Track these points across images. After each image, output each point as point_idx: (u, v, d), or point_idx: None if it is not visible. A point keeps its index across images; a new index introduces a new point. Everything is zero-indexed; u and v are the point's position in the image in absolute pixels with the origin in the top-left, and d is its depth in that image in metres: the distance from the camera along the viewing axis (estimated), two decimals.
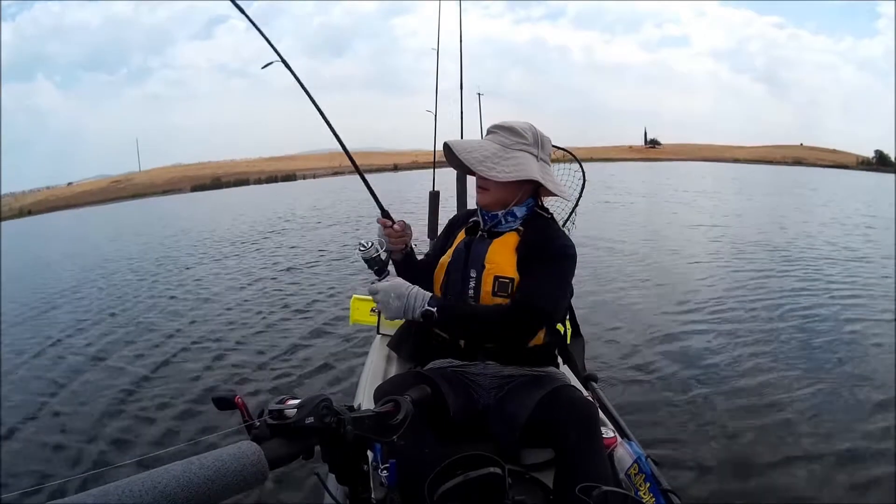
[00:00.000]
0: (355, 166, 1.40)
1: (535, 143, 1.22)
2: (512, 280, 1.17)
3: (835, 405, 2.68)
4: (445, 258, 1.27)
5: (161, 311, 5.01)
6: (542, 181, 1.20)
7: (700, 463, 2.17)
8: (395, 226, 1.25)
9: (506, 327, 1.12)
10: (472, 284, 1.20)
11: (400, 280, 1.16)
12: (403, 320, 1.36)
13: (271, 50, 1.28)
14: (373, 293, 1.14)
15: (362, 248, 1.18)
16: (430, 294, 1.13)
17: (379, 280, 1.18)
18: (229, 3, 1.22)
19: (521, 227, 1.25)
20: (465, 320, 1.14)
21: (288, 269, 6.52)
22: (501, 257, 1.20)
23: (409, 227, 1.31)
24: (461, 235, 1.31)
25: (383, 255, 1.20)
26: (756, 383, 2.92)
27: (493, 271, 1.18)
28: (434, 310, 1.10)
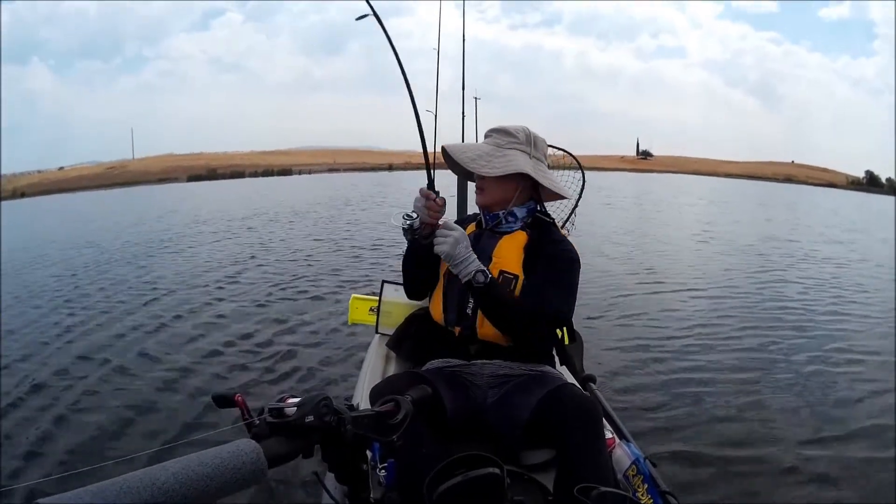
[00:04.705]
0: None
1: (527, 142, 1.26)
2: (516, 277, 1.20)
3: (835, 406, 2.72)
4: None
5: (156, 305, 4.93)
6: (534, 174, 1.23)
7: (698, 464, 2.18)
8: (438, 200, 1.21)
9: (527, 326, 1.16)
10: None
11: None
12: (403, 319, 1.42)
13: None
14: (449, 227, 1.16)
15: (407, 219, 1.18)
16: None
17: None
18: None
19: (527, 229, 1.27)
20: (502, 302, 1.16)
21: (287, 269, 6.46)
22: (509, 253, 1.23)
23: (445, 206, 1.30)
24: (471, 228, 1.33)
25: (418, 227, 1.19)
26: (756, 384, 2.95)
27: (498, 265, 1.21)
28: (487, 278, 1.14)
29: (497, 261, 1.22)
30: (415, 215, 1.18)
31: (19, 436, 2.53)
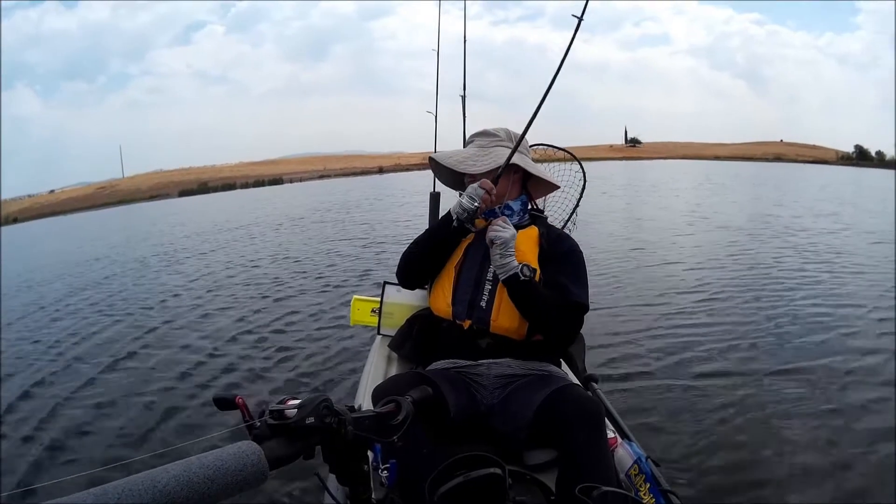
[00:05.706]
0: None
1: (508, 138, 1.34)
2: (535, 270, 1.22)
3: (837, 403, 2.65)
4: (466, 240, 1.32)
5: (160, 310, 4.96)
6: (522, 164, 1.30)
7: (700, 464, 2.15)
8: (493, 195, 1.25)
9: (560, 320, 1.20)
10: (492, 268, 1.24)
11: None
12: (405, 320, 1.49)
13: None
14: (506, 222, 1.22)
15: (470, 200, 1.23)
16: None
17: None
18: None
19: (534, 224, 1.33)
20: (541, 296, 1.19)
21: (287, 270, 6.48)
22: (527, 247, 1.26)
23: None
24: (480, 222, 1.33)
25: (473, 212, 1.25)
26: (759, 381, 2.91)
27: (519, 258, 1.22)
28: (531, 275, 1.18)
29: (517, 254, 1.23)
30: (477, 199, 1.23)
31: (21, 439, 2.55)
